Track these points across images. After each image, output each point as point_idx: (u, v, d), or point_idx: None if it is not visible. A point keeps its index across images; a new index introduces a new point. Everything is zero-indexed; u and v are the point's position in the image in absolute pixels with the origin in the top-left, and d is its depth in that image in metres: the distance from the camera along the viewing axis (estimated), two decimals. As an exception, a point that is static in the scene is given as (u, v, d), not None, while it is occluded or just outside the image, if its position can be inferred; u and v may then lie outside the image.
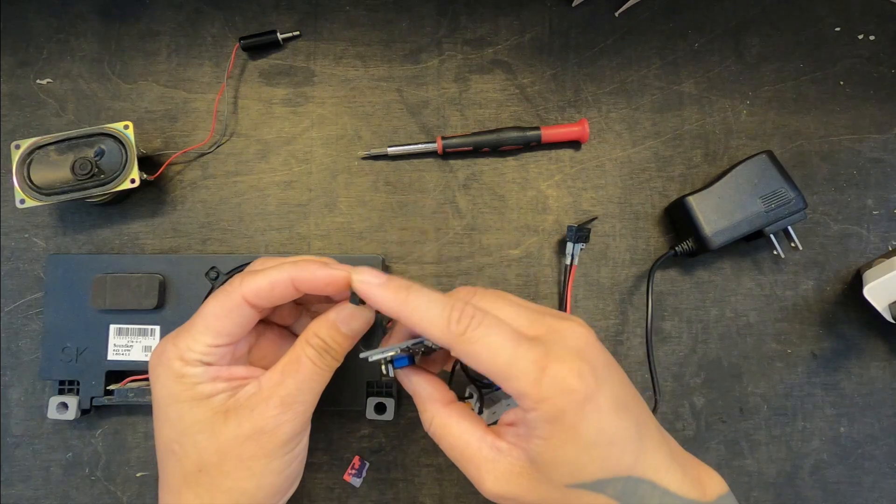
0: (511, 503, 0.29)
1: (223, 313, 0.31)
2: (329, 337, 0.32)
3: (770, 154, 0.45)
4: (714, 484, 0.32)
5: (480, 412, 0.39)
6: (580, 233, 0.45)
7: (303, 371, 0.31)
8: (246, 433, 0.30)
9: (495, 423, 0.36)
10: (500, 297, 0.32)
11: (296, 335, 0.38)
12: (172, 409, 0.31)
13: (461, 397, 0.40)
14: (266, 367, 0.33)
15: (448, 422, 0.31)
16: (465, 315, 0.28)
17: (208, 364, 0.31)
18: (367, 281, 0.30)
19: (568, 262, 0.45)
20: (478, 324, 0.28)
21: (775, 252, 0.45)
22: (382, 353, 0.31)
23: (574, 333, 0.30)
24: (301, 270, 0.31)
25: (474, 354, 0.28)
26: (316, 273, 0.31)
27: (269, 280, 0.31)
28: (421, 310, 0.29)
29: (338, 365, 0.33)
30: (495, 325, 0.28)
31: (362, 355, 0.31)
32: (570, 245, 0.45)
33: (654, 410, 0.39)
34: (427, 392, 0.32)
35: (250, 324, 0.33)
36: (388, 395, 0.43)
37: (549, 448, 0.28)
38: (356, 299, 0.32)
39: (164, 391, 0.31)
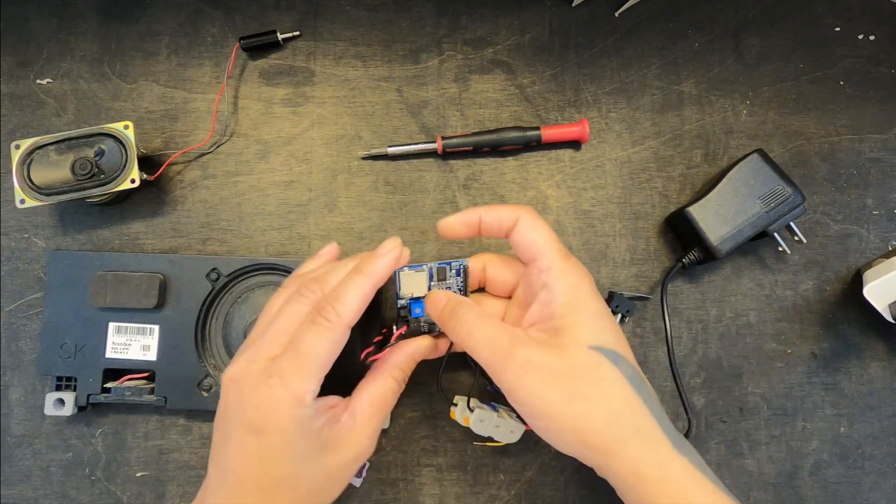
0: (533, 378, 0.32)
1: (333, 346, 0.32)
2: (408, 368, 0.38)
3: (761, 152, 0.44)
4: None
5: (470, 409, 0.41)
6: (621, 304, 0.45)
7: (388, 405, 0.36)
8: (347, 460, 0.34)
9: (483, 437, 0.41)
10: None
11: None
12: (290, 450, 0.32)
13: (449, 403, 0.43)
14: None
15: (485, 318, 0.35)
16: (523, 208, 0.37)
17: (315, 398, 0.32)
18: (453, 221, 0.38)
19: None
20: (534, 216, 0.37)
21: (780, 249, 0.44)
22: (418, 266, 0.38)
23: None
24: (375, 274, 0.34)
25: (534, 230, 0.36)
26: (384, 271, 0.35)
27: (363, 299, 0.33)
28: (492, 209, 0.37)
29: None
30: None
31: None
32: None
33: (687, 435, 0.40)
34: (469, 301, 0.36)
35: None
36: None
37: (569, 312, 0.34)
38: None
39: (283, 436, 0.31)
